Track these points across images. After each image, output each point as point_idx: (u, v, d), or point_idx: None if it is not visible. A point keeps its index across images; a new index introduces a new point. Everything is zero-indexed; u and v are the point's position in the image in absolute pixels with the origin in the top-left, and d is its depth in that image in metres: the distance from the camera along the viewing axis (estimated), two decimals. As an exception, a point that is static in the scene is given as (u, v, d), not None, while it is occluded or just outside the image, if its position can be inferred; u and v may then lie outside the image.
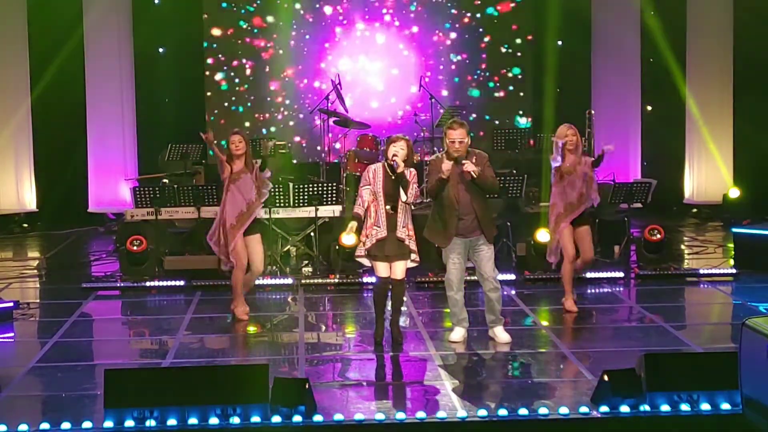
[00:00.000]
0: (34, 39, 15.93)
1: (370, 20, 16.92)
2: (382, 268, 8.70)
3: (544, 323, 9.84)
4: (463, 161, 8.59)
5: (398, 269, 8.72)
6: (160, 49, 16.54)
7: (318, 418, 6.81)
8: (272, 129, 16.76)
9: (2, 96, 15.89)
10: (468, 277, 9.13)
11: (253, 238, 9.87)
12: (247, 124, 16.75)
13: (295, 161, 15.72)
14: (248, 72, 16.90)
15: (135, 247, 11.74)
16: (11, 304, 10.22)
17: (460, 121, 8.83)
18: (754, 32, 15.78)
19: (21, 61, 15.91)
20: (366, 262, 8.89)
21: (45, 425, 6.66)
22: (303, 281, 11.44)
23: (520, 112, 16.94)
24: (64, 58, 15.90)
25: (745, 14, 15.90)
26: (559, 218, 10.03)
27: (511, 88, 17.11)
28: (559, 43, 16.72)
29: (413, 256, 8.75)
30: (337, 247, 11.95)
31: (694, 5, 16.31)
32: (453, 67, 17.01)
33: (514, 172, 13.03)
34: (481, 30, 17.04)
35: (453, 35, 17.00)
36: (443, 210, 8.77)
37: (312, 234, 12.19)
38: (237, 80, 16.89)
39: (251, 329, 9.80)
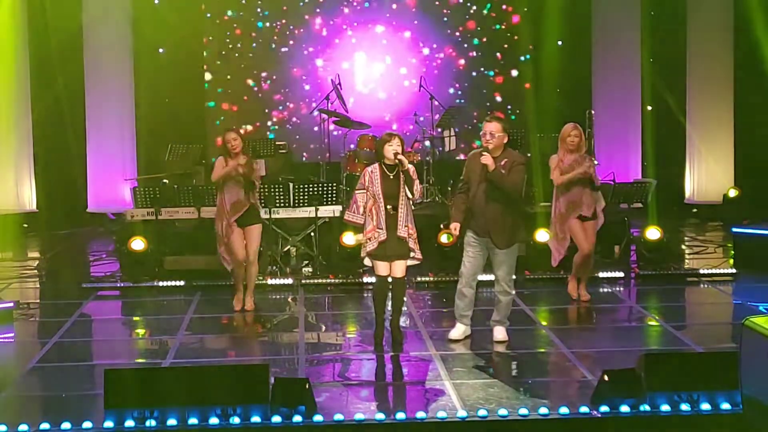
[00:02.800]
0: (34, 38, 15.92)
1: (371, 21, 16.92)
2: (382, 267, 8.69)
3: (544, 323, 9.84)
4: (484, 153, 8.57)
5: (398, 268, 8.71)
6: (160, 50, 16.53)
7: (318, 418, 6.81)
8: (272, 129, 16.78)
9: (1, 96, 15.87)
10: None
11: (251, 228, 10.03)
12: (248, 126, 16.75)
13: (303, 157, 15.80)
14: (248, 72, 16.89)
15: (135, 248, 11.74)
16: (11, 304, 10.22)
17: (496, 116, 8.81)
18: (754, 33, 15.76)
19: (21, 62, 15.91)
20: (367, 262, 8.89)
21: (45, 425, 6.66)
22: (303, 281, 11.45)
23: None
24: (64, 59, 15.91)
25: (745, 15, 15.89)
26: (562, 217, 10.09)
27: (510, 88, 17.11)
28: (559, 42, 16.72)
29: (413, 254, 8.73)
30: (337, 248, 11.96)
31: (695, 5, 16.31)
32: (453, 68, 17.02)
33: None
34: (481, 30, 17.05)
35: (454, 36, 17.01)
36: (465, 203, 8.75)
37: (312, 234, 12.20)
38: (237, 80, 16.88)
39: (251, 329, 9.81)
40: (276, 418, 6.75)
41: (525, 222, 9.28)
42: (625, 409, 6.89)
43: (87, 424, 6.70)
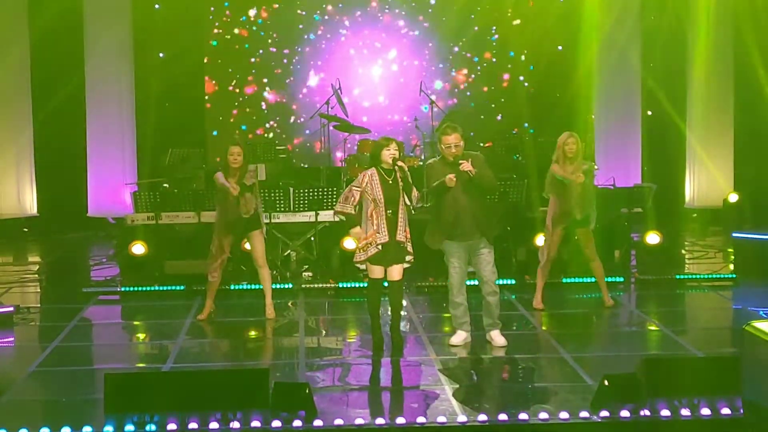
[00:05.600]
0: (35, 44, 15.94)
1: (372, 26, 16.94)
2: (378, 271, 8.68)
3: (544, 328, 9.83)
4: (460, 161, 8.63)
5: (395, 271, 8.70)
6: (161, 54, 16.54)
7: (318, 422, 6.81)
8: (272, 133, 16.79)
9: (3, 101, 15.90)
10: (468, 282, 9.12)
11: (252, 234, 9.96)
12: (246, 129, 16.77)
13: (303, 165, 15.77)
14: (248, 76, 16.91)
15: (135, 252, 11.74)
16: (11, 309, 10.22)
17: (453, 126, 8.87)
18: (755, 35, 15.79)
19: (22, 67, 15.93)
20: (362, 266, 8.87)
21: (45, 430, 6.65)
22: (303, 286, 11.45)
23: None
24: (65, 63, 15.94)
25: (745, 17, 15.91)
26: (554, 223, 10.11)
27: (510, 92, 17.13)
28: (560, 48, 16.73)
29: (408, 257, 8.74)
30: (337, 252, 11.96)
31: (695, 10, 16.32)
32: (453, 71, 17.03)
33: (515, 177, 13.02)
34: (480, 34, 17.07)
35: (454, 40, 17.02)
36: (441, 213, 8.79)
37: (312, 239, 12.20)
38: (237, 84, 16.91)
39: (251, 334, 9.81)
40: (276, 423, 6.74)
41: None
42: (625, 414, 6.88)
43: (87, 429, 6.69)
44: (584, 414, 6.93)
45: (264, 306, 10.13)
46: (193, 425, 6.69)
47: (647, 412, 6.88)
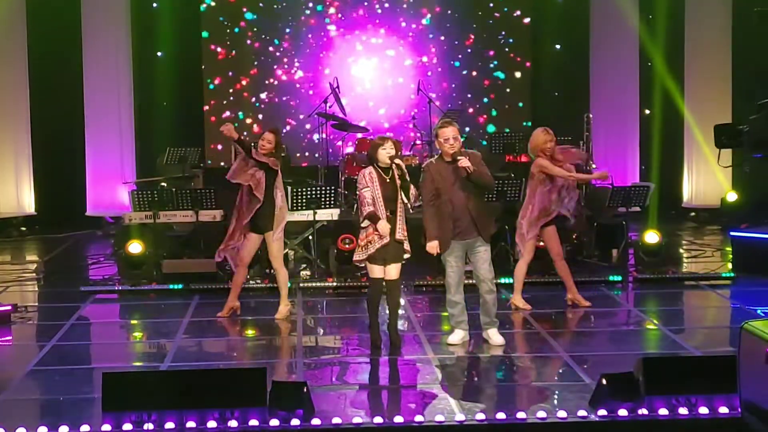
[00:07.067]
0: (33, 43, 15.94)
1: (370, 24, 16.94)
2: (378, 270, 8.68)
3: (542, 327, 9.83)
4: (459, 157, 8.62)
5: (394, 270, 8.70)
6: (159, 53, 16.54)
7: (316, 421, 6.81)
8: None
9: (1, 100, 15.89)
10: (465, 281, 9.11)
11: (267, 235, 9.84)
12: (245, 127, 16.77)
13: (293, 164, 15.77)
14: (246, 75, 16.92)
15: (133, 251, 11.74)
16: (9, 308, 10.21)
17: (450, 120, 8.90)
18: (753, 34, 15.79)
19: (20, 66, 15.92)
20: (361, 264, 8.86)
21: (43, 428, 6.65)
22: (301, 285, 11.44)
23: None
24: (63, 62, 15.95)
25: (744, 17, 15.91)
26: (531, 222, 10.09)
27: (509, 91, 17.14)
28: (558, 46, 16.73)
29: (406, 255, 8.74)
30: (335, 251, 11.96)
31: (693, 8, 16.33)
32: (451, 71, 17.04)
33: (512, 176, 13.02)
34: (480, 34, 17.07)
35: (453, 39, 17.03)
36: (439, 215, 8.76)
37: (310, 237, 12.19)
38: (235, 83, 16.91)
39: (249, 333, 9.81)
40: (274, 422, 6.74)
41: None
42: (623, 413, 6.88)
43: (85, 428, 6.69)
44: (582, 413, 6.93)
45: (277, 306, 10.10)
46: (191, 424, 6.69)
47: (645, 411, 6.88)
